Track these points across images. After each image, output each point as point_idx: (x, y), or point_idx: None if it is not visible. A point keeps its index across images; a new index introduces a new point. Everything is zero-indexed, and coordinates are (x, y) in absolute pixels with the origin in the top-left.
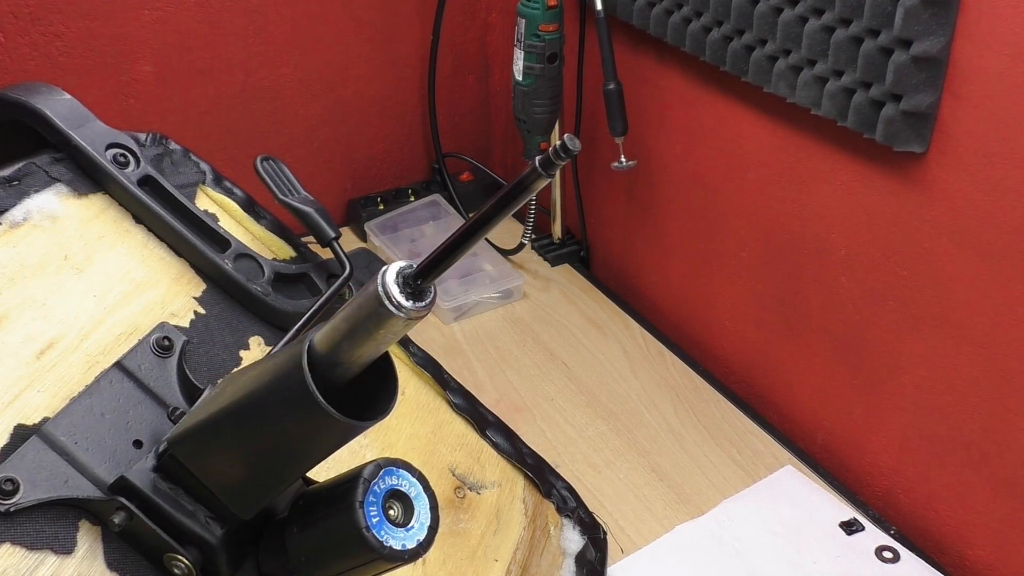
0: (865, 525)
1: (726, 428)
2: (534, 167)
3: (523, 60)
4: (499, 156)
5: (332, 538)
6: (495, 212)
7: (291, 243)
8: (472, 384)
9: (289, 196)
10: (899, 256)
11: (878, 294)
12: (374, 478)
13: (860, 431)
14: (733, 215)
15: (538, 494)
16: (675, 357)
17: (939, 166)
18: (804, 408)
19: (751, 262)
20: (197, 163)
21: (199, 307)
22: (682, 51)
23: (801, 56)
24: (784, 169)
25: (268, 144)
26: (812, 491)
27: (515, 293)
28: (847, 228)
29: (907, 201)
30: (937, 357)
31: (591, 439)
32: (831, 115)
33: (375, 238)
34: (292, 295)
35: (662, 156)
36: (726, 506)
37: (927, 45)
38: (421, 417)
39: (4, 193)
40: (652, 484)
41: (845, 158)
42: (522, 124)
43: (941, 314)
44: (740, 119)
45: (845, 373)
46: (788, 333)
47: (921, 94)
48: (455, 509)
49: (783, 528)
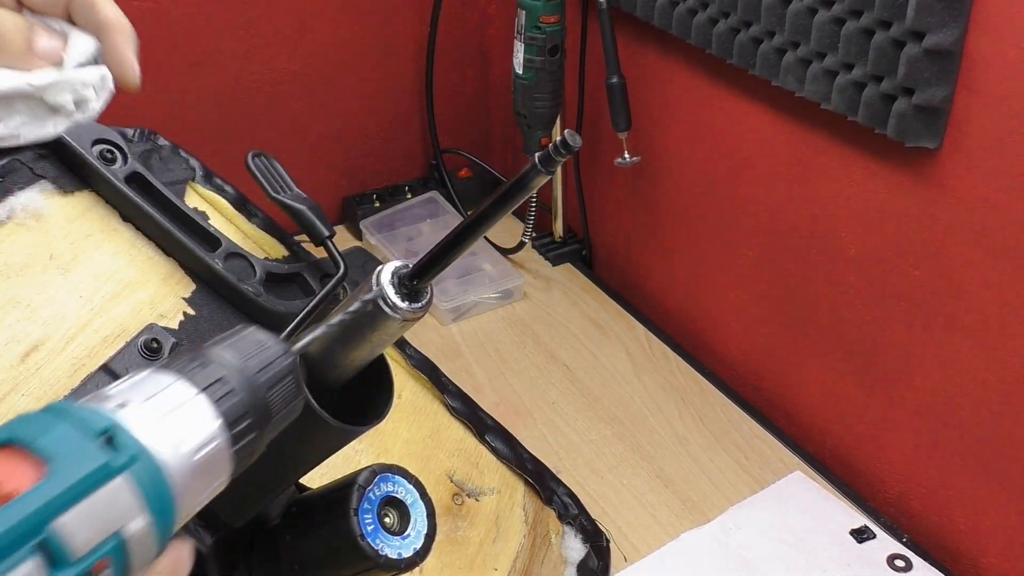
0: (876, 533)
1: (733, 433)
2: (534, 164)
3: (523, 53)
4: (499, 152)
5: (326, 547)
6: (494, 210)
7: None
8: (471, 387)
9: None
10: (911, 255)
11: (889, 294)
12: (369, 485)
13: (871, 435)
14: (740, 213)
15: (539, 501)
16: (680, 359)
17: (953, 162)
18: (813, 412)
19: (759, 261)
20: (187, 159)
21: (189, 308)
22: (687, 43)
23: (810, 49)
24: (792, 165)
25: (260, 140)
26: (822, 498)
27: (515, 293)
28: (857, 226)
29: (919, 198)
30: (950, 359)
31: (593, 444)
32: (841, 110)
33: (371, 236)
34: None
35: (667, 152)
36: (733, 513)
37: (940, 37)
38: (418, 421)
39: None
40: (656, 490)
41: (855, 154)
42: (522, 119)
43: (954, 314)
44: (747, 114)
45: (855, 376)
46: (797, 334)
47: (934, 88)
48: (453, 516)
49: (792, 536)
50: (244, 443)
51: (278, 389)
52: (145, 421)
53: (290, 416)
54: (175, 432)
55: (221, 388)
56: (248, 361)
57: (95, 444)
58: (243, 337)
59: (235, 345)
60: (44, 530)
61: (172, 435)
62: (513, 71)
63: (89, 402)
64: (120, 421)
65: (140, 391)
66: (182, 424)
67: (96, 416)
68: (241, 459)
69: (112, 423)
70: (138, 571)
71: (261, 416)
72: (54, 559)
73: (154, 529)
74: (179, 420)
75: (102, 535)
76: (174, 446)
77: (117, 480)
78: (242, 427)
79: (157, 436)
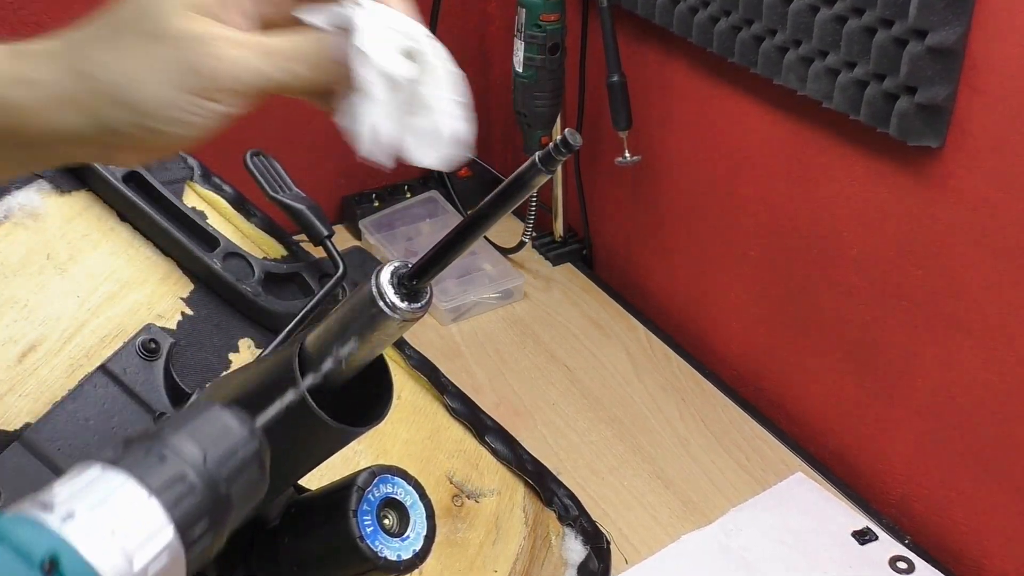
0: (878, 534)
1: (734, 433)
2: (534, 162)
3: (523, 51)
4: (498, 151)
5: (325, 548)
6: (493, 209)
7: (282, 242)
8: (470, 388)
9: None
10: (913, 255)
11: (891, 294)
12: (368, 486)
13: (873, 436)
14: (741, 212)
15: (539, 502)
16: (681, 360)
17: (955, 161)
18: (815, 413)
19: (760, 261)
20: (185, 158)
21: (187, 308)
22: (689, 42)
23: (812, 47)
24: (794, 164)
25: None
26: (823, 499)
27: (515, 293)
28: (859, 226)
29: (922, 198)
30: (952, 359)
31: (594, 445)
32: (843, 108)
33: (370, 236)
34: (283, 296)
35: (668, 151)
36: (734, 515)
37: (943, 35)
38: (417, 422)
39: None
40: (657, 492)
41: (857, 153)
42: (522, 118)
43: (956, 315)
44: (748, 112)
45: (857, 376)
46: (798, 335)
47: (937, 86)
48: (452, 518)
49: (793, 538)
50: (199, 546)
51: (241, 479)
52: (92, 536)
53: (251, 502)
54: (125, 546)
55: (177, 488)
56: (209, 451)
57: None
58: (206, 420)
59: (196, 432)
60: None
61: (122, 550)
62: (513, 70)
63: (33, 509)
64: (66, 539)
65: (88, 497)
66: (133, 536)
67: (39, 537)
68: (196, 559)
69: (56, 546)
70: None
71: (220, 513)
72: None
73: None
74: (129, 532)
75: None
76: (124, 564)
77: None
78: (198, 531)
79: (105, 554)
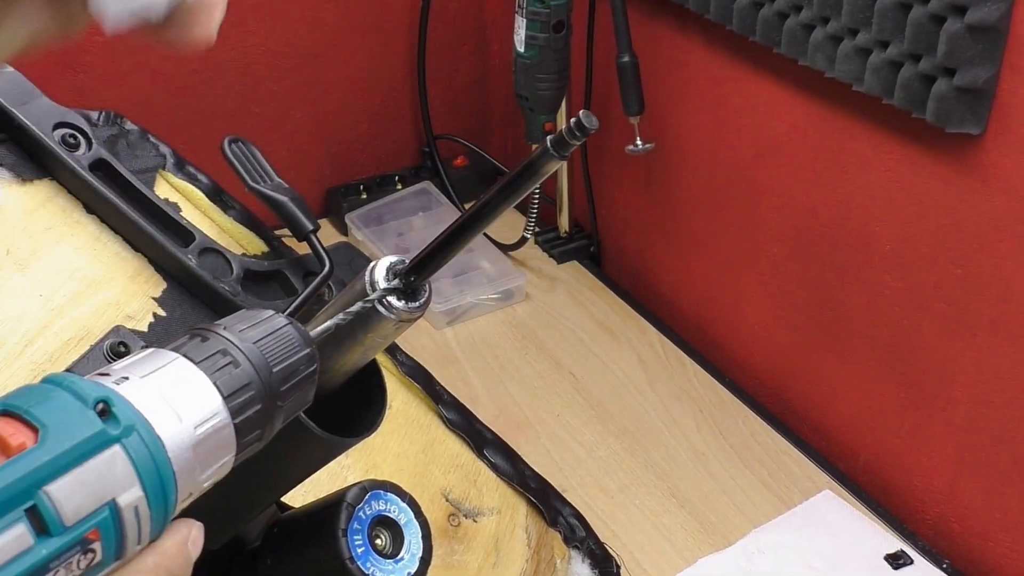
0: (914, 558)
1: (756, 447)
2: (546, 147)
3: (525, 29)
4: (498, 139)
5: (311, 571)
6: (500, 200)
7: (263, 236)
8: (468, 397)
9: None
10: (952, 252)
11: (928, 295)
12: (359, 503)
13: (908, 451)
14: (764, 205)
15: (542, 522)
16: (698, 367)
17: (998, 149)
18: (844, 425)
19: (784, 259)
20: (156, 145)
21: (159, 309)
22: (706, 18)
23: (841, 24)
24: (822, 153)
25: (237, 124)
26: (854, 519)
27: (516, 294)
28: (893, 220)
29: (961, 189)
30: (995, 367)
31: (602, 460)
32: (875, 91)
33: (357, 231)
34: (264, 295)
35: (683, 138)
36: (756, 536)
37: (984, 12)
38: (410, 434)
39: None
40: (672, 511)
41: (891, 140)
42: (524, 102)
43: (999, 318)
44: (772, 96)
45: (891, 385)
46: (826, 340)
47: (977, 68)
48: (449, 539)
49: (821, 562)
50: (247, 416)
51: (291, 377)
52: (144, 394)
53: (300, 406)
54: (174, 405)
55: (221, 360)
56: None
57: (90, 413)
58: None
59: (243, 319)
60: (34, 495)
61: (171, 408)
62: (514, 49)
63: (90, 375)
64: (118, 392)
65: (140, 367)
66: (182, 398)
67: (93, 387)
68: (246, 437)
69: (109, 393)
70: (134, 547)
71: (266, 391)
72: (44, 526)
73: (151, 503)
74: (179, 394)
75: (94, 505)
76: (173, 419)
77: (111, 450)
78: (243, 399)
79: (155, 409)
